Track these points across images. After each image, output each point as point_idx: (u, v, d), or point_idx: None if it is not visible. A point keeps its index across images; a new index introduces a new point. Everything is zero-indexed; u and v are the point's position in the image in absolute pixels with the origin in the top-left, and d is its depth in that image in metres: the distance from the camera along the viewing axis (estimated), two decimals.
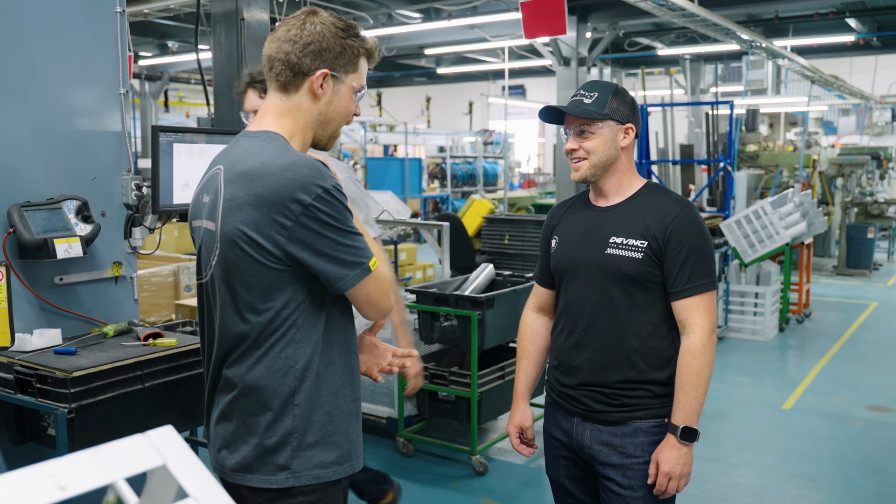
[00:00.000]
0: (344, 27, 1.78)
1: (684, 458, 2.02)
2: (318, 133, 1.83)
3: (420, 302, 4.51)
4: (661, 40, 11.30)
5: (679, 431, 2.01)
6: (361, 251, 1.70)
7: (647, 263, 2.05)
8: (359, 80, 1.82)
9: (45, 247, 2.80)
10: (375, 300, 1.75)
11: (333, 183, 1.67)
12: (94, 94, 3.14)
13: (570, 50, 9.03)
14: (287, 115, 1.79)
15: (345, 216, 1.68)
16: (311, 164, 1.67)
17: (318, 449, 1.72)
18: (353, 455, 1.79)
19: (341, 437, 1.75)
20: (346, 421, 1.77)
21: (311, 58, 1.74)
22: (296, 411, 1.70)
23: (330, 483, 1.74)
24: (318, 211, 1.63)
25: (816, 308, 8.98)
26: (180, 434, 2.71)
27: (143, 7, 7.62)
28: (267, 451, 1.70)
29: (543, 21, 4.83)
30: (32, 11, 2.89)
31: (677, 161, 9.45)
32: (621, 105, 2.10)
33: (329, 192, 1.65)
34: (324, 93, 1.78)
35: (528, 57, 11.60)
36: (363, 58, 1.82)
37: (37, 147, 2.95)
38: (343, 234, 1.67)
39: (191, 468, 1.04)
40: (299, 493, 1.70)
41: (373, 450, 4.66)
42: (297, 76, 1.76)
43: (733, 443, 4.81)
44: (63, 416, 2.53)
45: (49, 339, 2.84)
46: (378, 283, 1.73)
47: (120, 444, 1.02)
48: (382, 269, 1.75)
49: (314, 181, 1.64)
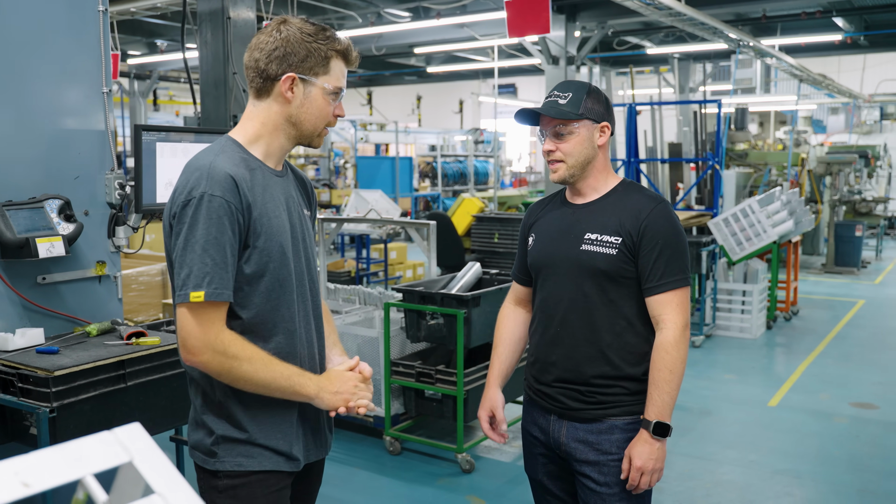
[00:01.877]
0: (312, 31, 1.81)
1: (657, 453, 2.03)
2: (293, 134, 1.88)
3: (406, 300, 4.52)
4: (651, 39, 11.33)
5: (651, 427, 2.02)
6: (188, 277, 1.68)
7: (621, 259, 2.07)
8: (332, 82, 1.84)
9: (27, 246, 2.80)
10: (180, 331, 1.72)
11: (211, 192, 1.69)
12: (78, 93, 3.13)
13: (559, 49, 9.05)
14: (254, 120, 1.86)
15: (199, 230, 1.68)
16: (204, 169, 1.72)
17: (244, 441, 1.81)
18: (280, 449, 1.84)
19: (269, 431, 1.83)
20: (275, 414, 1.83)
21: (276, 63, 1.80)
22: (224, 404, 1.81)
23: (254, 472, 1.81)
24: (181, 216, 1.71)
25: (804, 306, 9.03)
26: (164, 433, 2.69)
27: (129, 6, 7.59)
28: (201, 437, 1.84)
29: (528, 19, 4.84)
30: (14, 11, 2.89)
31: (666, 160, 9.48)
32: (596, 104, 2.11)
33: (199, 201, 1.69)
34: (294, 96, 1.82)
35: (517, 56, 11.62)
36: (336, 59, 1.84)
37: (19, 146, 2.94)
38: (189, 246, 1.69)
39: (157, 465, 1.04)
40: (226, 476, 1.81)
41: (360, 448, 4.67)
42: (267, 82, 1.83)
43: (718, 440, 4.84)
44: (45, 416, 2.54)
45: (31, 339, 2.84)
46: (192, 318, 1.69)
47: (86, 441, 1.02)
48: (209, 311, 1.69)
49: (190, 187, 1.71)
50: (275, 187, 1.87)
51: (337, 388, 1.84)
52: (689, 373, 6.35)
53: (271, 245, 1.80)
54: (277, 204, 1.85)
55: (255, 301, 1.80)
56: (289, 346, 1.86)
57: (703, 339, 7.35)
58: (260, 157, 1.87)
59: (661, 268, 2.06)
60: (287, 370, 1.78)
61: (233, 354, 1.71)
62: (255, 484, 1.82)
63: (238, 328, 1.79)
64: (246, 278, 1.78)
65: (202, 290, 1.68)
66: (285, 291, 1.84)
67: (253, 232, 1.77)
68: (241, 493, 1.82)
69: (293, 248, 1.88)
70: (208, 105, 5.16)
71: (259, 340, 1.80)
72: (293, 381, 1.77)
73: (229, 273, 1.72)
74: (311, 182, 2.15)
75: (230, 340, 1.72)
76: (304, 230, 1.95)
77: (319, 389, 1.81)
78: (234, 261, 1.74)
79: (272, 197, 1.84)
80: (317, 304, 1.99)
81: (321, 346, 1.99)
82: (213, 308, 1.71)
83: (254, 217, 1.77)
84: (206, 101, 5.17)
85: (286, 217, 1.87)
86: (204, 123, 5.18)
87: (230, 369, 1.72)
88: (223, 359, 1.71)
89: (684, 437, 4.85)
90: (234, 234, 1.73)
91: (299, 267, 1.91)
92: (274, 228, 1.82)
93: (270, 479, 1.84)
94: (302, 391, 1.79)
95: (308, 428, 1.92)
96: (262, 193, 1.81)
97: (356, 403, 1.86)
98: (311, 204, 2.09)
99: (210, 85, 5.13)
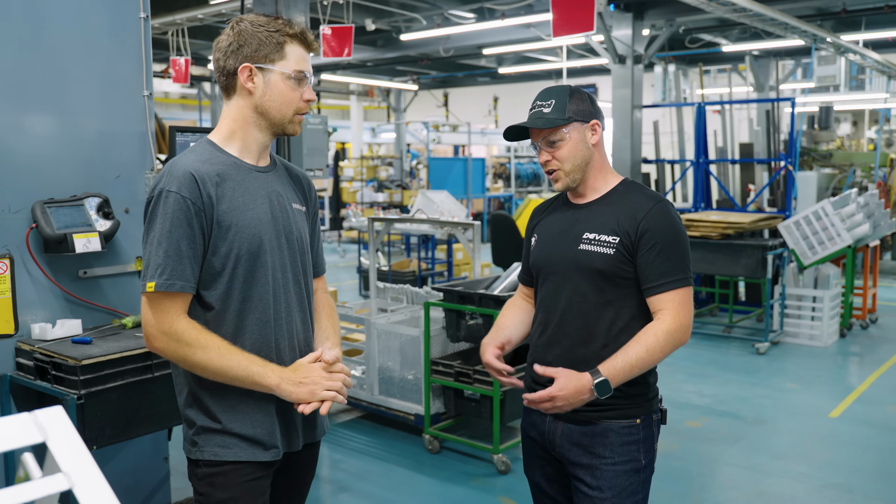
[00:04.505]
0: (264, 22, 1.90)
1: (577, 401, 1.97)
2: (264, 124, 1.95)
3: (446, 300, 4.54)
4: (726, 36, 10.99)
5: (598, 380, 1.95)
6: (146, 269, 1.80)
7: (618, 259, 2.03)
8: (291, 66, 1.90)
9: (65, 241, 2.95)
10: (143, 319, 1.84)
11: (168, 188, 1.79)
12: (119, 97, 3.28)
13: (625, 48, 8.88)
14: (226, 118, 1.96)
15: (156, 224, 1.80)
16: (167, 168, 1.84)
17: (219, 431, 1.89)
18: (256, 437, 1.89)
19: (243, 420, 1.89)
20: (250, 404, 1.89)
21: (233, 58, 1.89)
22: (200, 395, 1.89)
23: (230, 462, 1.88)
24: (145, 213, 1.85)
25: (884, 314, 8.58)
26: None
27: (197, 12, 7.90)
28: (186, 428, 1.94)
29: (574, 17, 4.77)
30: (59, 19, 3.05)
31: (736, 160, 9.18)
32: (580, 104, 2.09)
33: (157, 197, 1.81)
34: (255, 86, 1.90)
35: (586, 56, 11.47)
36: (291, 44, 1.90)
37: (63, 147, 3.11)
38: (148, 241, 1.82)
39: (70, 447, 1.10)
40: (204, 465, 1.89)
41: (400, 445, 4.72)
42: (229, 78, 1.92)
43: (769, 450, 4.66)
44: (73, 402, 2.67)
45: (69, 329, 2.99)
46: (148, 307, 1.81)
47: (4, 420, 1.08)
48: (163, 300, 1.79)
49: (153, 185, 1.85)
50: (251, 182, 1.93)
51: (300, 378, 1.86)
52: (749, 380, 6.14)
53: (241, 237, 1.86)
54: (254, 197, 1.91)
55: (225, 291, 1.87)
56: (262, 335, 1.91)
57: (769, 346, 7.08)
58: (236, 153, 1.94)
59: (659, 267, 2.01)
60: (245, 360, 1.82)
61: (186, 342, 1.79)
62: (231, 473, 1.88)
63: (211, 317, 1.87)
64: (215, 269, 1.86)
65: (154, 281, 1.78)
66: (258, 283, 1.90)
67: (219, 224, 1.84)
68: (217, 482, 1.89)
69: (274, 241, 1.93)
70: None
71: (231, 329, 1.87)
72: (251, 371, 1.82)
73: (185, 264, 1.80)
74: (308, 177, 2.19)
75: (184, 329, 1.79)
76: (290, 224, 2.00)
77: (281, 380, 1.84)
78: (194, 253, 1.82)
79: (247, 191, 1.91)
80: (304, 295, 2.03)
81: (308, 337, 2.03)
82: (167, 298, 1.79)
83: (220, 210, 1.84)
84: None
85: (266, 210, 1.93)
86: None
87: (185, 356, 1.80)
88: (178, 346, 1.79)
89: (733, 447, 4.69)
90: (193, 227, 1.81)
91: (281, 259, 1.95)
92: (246, 221, 1.87)
93: (245, 469, 1.89)
94: (261, 381, 1.83)
95: (290, 415, 1.95)
96: (234, 188, 1.88)
97: (322, 396, 1.86)
98: (308, 199, 2.13)
99: None
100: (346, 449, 4.72)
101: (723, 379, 6.23)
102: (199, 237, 1.82)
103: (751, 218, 7.63)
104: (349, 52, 6.58)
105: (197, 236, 1.82)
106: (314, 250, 2.15)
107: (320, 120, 5.28)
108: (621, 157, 9.22)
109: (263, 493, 1.94)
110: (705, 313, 8.66)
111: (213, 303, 1.87)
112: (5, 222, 2.93)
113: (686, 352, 7.10)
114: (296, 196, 2.07)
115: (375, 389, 4.99)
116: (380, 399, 4.96)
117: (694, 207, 8.86)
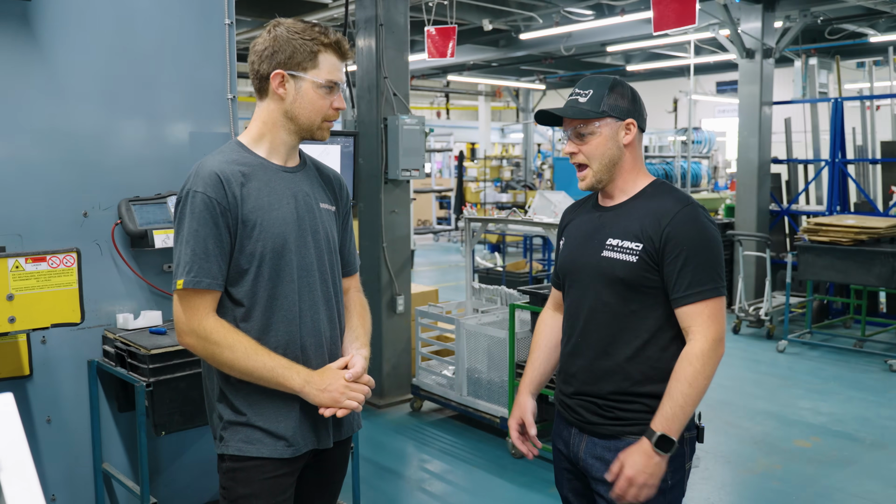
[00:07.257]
0: (300, 29, 1.90)
1: (653, 467, 1.84)
2: (292, 128, 1.98)
3: (532, 303, 4.46)
4: (874, 26, 10.13)
5: (655, 438, 1.84)
6: (176, 267, 1.86)
7: (642, 268, 1.91)
8: (322, 76, 1.92)
9: (146, 237, 3.13)
10: (175, 316, 1.90)
11: (195, 189, 1.85)
12: (204, 100, 3.44)
13: (754, 41, 8.39)
14: (257, 120, 2.00)
15: (184, 224, 1.85)
16: (194, 169, 1.91)
17: (244, 425, 1.91)
18: (280, 433, 1.91)
19: (268, 415, 1.91)
20: (276, 399, 1.90)
21: (267, 63, 1.92)
22: (226, 390, 1.93)
23: (253, 458, 1.90)
24: (174, 213, 1.92)
25: None
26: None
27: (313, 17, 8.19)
28: (215, 422, 1.99)
29: (674, 11, 4.54)
30: (148, 26, 3.23)
31: (877, 160, 8.45)
32: (620, 100, 1.96)
33: (185, 198, 1.87)
34: (286, 92, 1.93)
35: (715, 52, 10.92)
36: (325, 53, 1.91)
37: (149, 148, 3.29)
38: (177, 240, 1.88)
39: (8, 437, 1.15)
40: (229, 459, 1.93)
41: (484, 448, 4.68)
42: (262, 81, 1.96)
43: (884, 477, 4.25)
44: (142, 389, 2.83)
45: (149, 320, 3.17)
46: (179, 304, 1.86)
47: None
48: (192, 298, 1.84)
49: (182, 186, 1.91)
50: (277, 182, 1.96)
51: (325, 385, 1.88)
52: (875, 399, 5.65)
53: (266, 236, 1.90)
54: (279, 197, 1.94)
55: (251, 289, 1.90)
56: (288, 333, 1.93)
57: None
58: (264, 154, 1.98)
59: (687, 276, 1.88)
60: (272, 361, 1.85)
61: (214, 341, 1.83)
62: (252, 469, 1.91)
63: (241, 315, 1.91)
64: (242, 267, 1.90)
65: (182, 279, 1.83)
66: (283, 281, 1.92)
67: (244, 223, 1.88)
68: (240, 477, 1.93)
69: (300, 239, 1.96)
70: (363, 108, 5.42)
71: (258, 327, 1.91)
72: (277, 373, 1.84)
73: (211, 262, 1.84)
74: (340, 177, 2.20)
75: (213, 327, 1.84)
76: (317, 223, 2.01)
77: (305, 384, 1.87)
78: (220, 251, 1.86)
79: (272, 191, 1.94)
80: (331, 294, 2.04)
81: (335, 336, 2.04)
82: (196, 295, 1.84)
83: (245, 210, 1.88)
84: (362, 105, 5.43)
85: (291, 209, 1.95)
86: (359, 126, 5.45)
87: (213, 354, 1.85)
88: (206, 344, 1.84)
89: (843, 471, 4.32)
90: (219, 226, 1.85)
91: (308, 258, 1.98)
92: (270, 220, 1.91)
93: (268, 466, 1.92)
94: (286, 383, 1.85)
95: (315, 414, 1.95)
96: (259, 188, 1.92)
97: (344, 405, 1.88)
98: (339, 199, 2.15)
99: (364, 89, 5.38)
100: (432, 448, 4.73)
101: (845, 396, 5.76)
102: (225, 236, 1.87)
103: (889, 223, 7.00)
104: (452, 52, 6.59)
105: (223, 235, 1.87)
106: (345, 249, 2.16)
107: (417, 120, 5.31)
108: (747, 157, 8.72)
109: (285, 490, 1.97)
110: (837, 325, 8.04)
111: (242, 300, 1.92)
112: (96, 219, 3.14)
113: (809, 365, 6.63)
114: (325, 196, 2.09)
115: (464, 390, 4.97)
116: (468, 400, 4.94)
117: (828, 210, 8.25)
